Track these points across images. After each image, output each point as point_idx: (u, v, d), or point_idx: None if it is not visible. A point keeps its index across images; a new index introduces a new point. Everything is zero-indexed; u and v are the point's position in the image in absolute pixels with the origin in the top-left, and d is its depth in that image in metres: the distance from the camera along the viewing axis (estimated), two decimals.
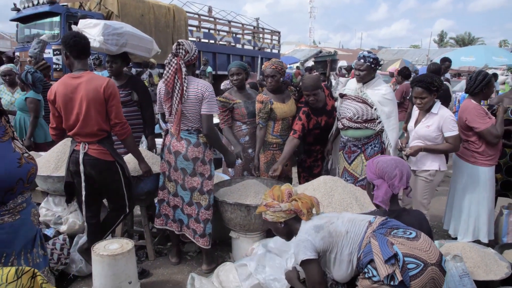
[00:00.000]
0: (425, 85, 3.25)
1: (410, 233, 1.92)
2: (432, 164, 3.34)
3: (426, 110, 3.35)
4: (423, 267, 1.79)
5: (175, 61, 2.93)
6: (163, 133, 3.30)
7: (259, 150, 3.82)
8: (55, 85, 2.82)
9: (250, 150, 3.91)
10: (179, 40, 3.04)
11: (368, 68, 3.49)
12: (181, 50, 2.96)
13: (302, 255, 2.03)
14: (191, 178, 3.11)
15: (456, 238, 3.55)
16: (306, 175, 4.11)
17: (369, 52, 3.62)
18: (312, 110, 3.81)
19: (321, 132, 3.92)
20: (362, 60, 3.49)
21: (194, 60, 3.03)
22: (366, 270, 1.91)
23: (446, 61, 7.86)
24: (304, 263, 2.05)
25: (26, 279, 2.05)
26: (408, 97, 6.88)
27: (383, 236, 1.92)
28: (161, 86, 3.08)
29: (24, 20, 9.86)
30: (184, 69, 2.93)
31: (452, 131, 3.26)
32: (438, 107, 3.32)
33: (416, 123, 3.45)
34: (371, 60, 3.48)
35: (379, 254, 1.85)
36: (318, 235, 2.05)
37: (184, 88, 2.92)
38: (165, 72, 3.00)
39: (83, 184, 2.85)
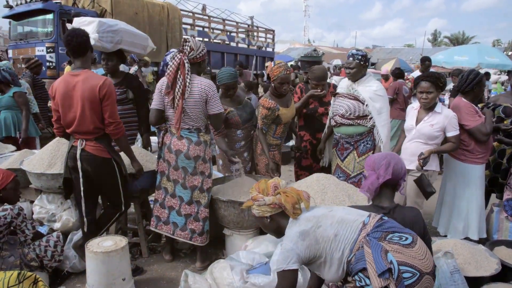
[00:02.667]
0: (433, 80, 3.24)
1: (406, 239, 1.82)
2: (430, 164, 3.34)
3: (428, 108, 3.34)
4: (419, 276, 1.72)
5: (179, 57, 2.95)
6: (157, 131, 3.29)
7: (268, 153, 3.74)
8: (57, 81, 2.86)
9: (245, 154, 3.88)
10: (185, 37, 3.05)
11: (358, 66, 3.52)
12: (186, 47, 2.98)
13: (283, 264, 1.90)
14: (192, 177, 3.11)
15: (445, 236, 3.58)
16: (297, 170, 4.21)
17: (357, 50, 3.65)
18: (307, 91, 4.09)
19: (307, 114, 4.05)
20: (351, 58, 3.53)
21: (199, 59, 3.02)
22: (357, 278, 1.80)
23: (426, 60, 7.94)
24: (283, 271, 1.92)
25: (28, 284, 2.07)
26: (406, 94, 6.95)
27: (377, 241, 1.80)
28: (163, 80, 3.07)
29: (17, 17, 9.76)
30: (187, 65, 2.93)
31: (455, 130, 3.28)
32: (440, 106, 3.33)
33: (417, 121, 3.41)
34: (360, 57, 3.52)
35: (372, 264, 1.73)
36: (303, 243, 1.91)
37: (187, 84, 2.92)
38: (168, 66, 3.01)
39: (81, 180, 2.86)
